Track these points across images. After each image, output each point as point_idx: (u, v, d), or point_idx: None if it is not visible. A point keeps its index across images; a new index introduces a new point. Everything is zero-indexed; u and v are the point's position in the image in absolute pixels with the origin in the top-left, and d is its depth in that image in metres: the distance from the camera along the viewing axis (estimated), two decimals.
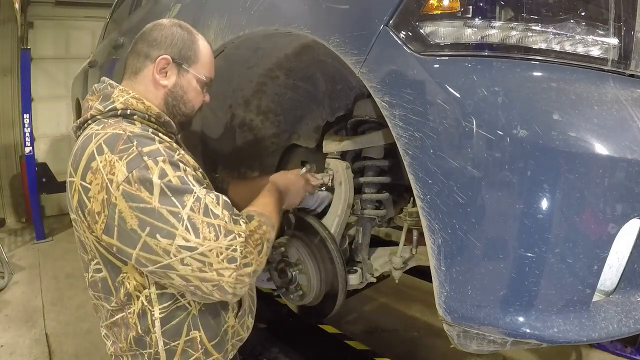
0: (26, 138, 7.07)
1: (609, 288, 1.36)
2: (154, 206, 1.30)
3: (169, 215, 1.30)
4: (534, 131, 1.19)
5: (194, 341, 1.56)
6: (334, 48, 1.50)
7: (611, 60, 1.31)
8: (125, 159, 1.32)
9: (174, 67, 1.62)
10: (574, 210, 1.20)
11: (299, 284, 2.15)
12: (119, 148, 1.35)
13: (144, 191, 1.30)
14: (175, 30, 1.63)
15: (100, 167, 1.33)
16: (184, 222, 1.30)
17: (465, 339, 1.40)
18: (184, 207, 1.31)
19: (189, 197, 1.33)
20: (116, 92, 1.56)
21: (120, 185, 1.30)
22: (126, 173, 1.30)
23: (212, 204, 1.36)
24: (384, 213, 2.21)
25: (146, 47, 1.61)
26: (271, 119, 2.64)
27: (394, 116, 1.35)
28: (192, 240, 1.30)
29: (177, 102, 1.66)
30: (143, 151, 1.35)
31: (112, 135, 1.39)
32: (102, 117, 1.51)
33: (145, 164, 1.32)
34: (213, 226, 1.33)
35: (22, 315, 4.77)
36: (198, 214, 1.32)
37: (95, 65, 5.21)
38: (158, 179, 1.31)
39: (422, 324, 4.40)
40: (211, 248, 1.31)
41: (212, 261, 1.31)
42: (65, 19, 8.71)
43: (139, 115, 1.53)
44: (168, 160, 1.36)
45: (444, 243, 1.32)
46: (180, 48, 1.62)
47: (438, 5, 1.32)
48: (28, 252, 6.79)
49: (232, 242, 1.34)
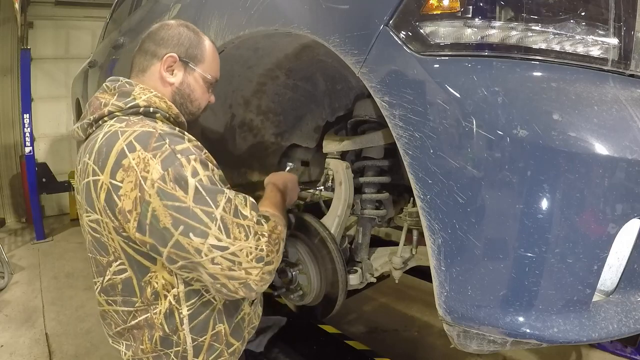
0: (26, 138, 7.08)
1: (609, 288, 1.36)
2: (188, 205, 1.31)
3: (203, 214, 1.32)
4: (534, 131, 1.18)
5: (219, 334, 1.59)
6: (334, 48, 1.50)
7: (611, 60, 1.31)
8: (159, 156, 1.33)
9: (180, 65, 1.64)
10: (574, 210, 1.20)
11: (299, 284, 2.15)
12: (152, 145, 1.35)
13: (178, 190, 1.31)
14: (182, 30, 1.65)
15: (134, 165, 1.33)
16: (217, 222, 1.33)
17: (465, 339, 1.40)
18: (217, 207, 1.34)
19: (222, 197, 1.36)
20: (137, 89, 1.56)
21: (156, 183, 1.31)
22: (161, 171, 1.31)
23: (241, 205, 1.40)
24: (384, 213, 2.21)
25: (153, 46, 1.63)
26: (271, 119, 2.65)
27: (394, 116, 1.35)
28: (224, 240, 1.33)
29: (185, 100, 1.67)
30: (176, 149, 1.36)
31: (143, 133, 1.39)
32: (122, 114, 1.51)
33: (179, 161, 1.34)
34: (243, 227, 1.37)
35: (22, 315, 4.77)
36: (229, 215, 1.35)
37: (95, 65, 5.22)
38: (192, 178, 1.33)
39: (422, 324, 4.40)
40: (242, 248, 1.35)
41: (241, 260, 1.35)
42: (65, 19, 8.73)
43: (161, 114, 1.55)
44: (199, 159, 1.39)
45: (444, 243, 1.32)
46: (187, 47, 1.64)
47: (438, 5, 1.32)
48: (28, 252, 6.80)
49: (259, 243, 1.38)
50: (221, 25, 2.04)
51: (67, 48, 8.87)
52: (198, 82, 1.68)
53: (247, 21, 1.88)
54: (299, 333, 3.23)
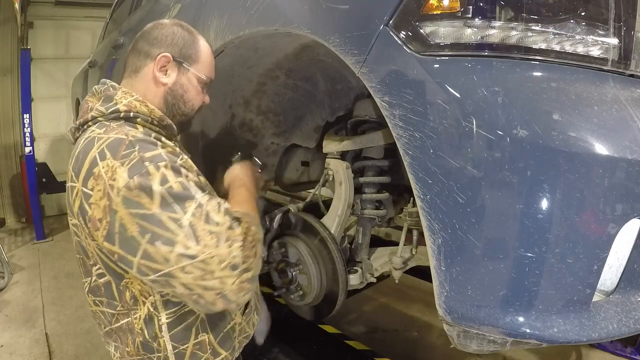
0: (26, 138, 7.08)
1: (609, 288, 1.36)
2: (153, 212, 1.27)
3: (170, 221, 1.27)
4: (534, 131, 1.19)
5: (203, 343, 1.56)
6: (334, 48, 1.50)
7: (611, 60, 1.31)
8: (127, 164, 1.30)
9: (174, 66, 1.60)
10: (574, 210, 1.20)
11: (299, 284, 2.15)
12: (121, 153, 1.32)
13: (144, 197, 1.27)
14: (176, 30, 1.61)
15: (102, 173, 1.31)
16: (186, 228, 1.28)
17: (465, 339, 1.40)
18: (186, 213, 1.29)
19: (191, 203, 1.31)
20: (119, 93, 1.53)
21: (121, 191, 1.27)
22: (127, 179, 1.27)
23: (213, 210, 1.34)
24: (384, 213, 2.21)
25: (147, 46, 1.59)
26: (271, 119, 2.65)
27: (394, 116, 1.35)
28: (193, 248, 1.27)
29: (177, 100, 1.63)
30: (145, 157, 1.32)
31: (114, 140, 1.36)
32: (104, 119, 1.49)
33: (146, 169, 1.29)
34: (214, 233, 1.30)
35: (22, 315, 4.77)
36: (200, 221, 1.30)
37: (95, 65, 5.21)
38: (159, 186, 1.28)
39: (422, 324, 4.40)
40: (212, 255, 1.28)
41: (214, 269, 1.28)
42: (65, 19, 8.71)
43: (142, 119, 1.51)
44: (170, 166, 1.34)
45: (444, 243, 1.32)
46: (181, 47, 1.60)
47: (438, 5, 1.32)
48: (28, 252, 6.80)
49: (232, 249, 1.31)
50: (221, 25, 2.04)
51: (67, 48, 8.86)
52: (192, 82, 1.64)
53: (247, 21, 1.88)
54: (299, 333, 3.23)
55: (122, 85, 1.59)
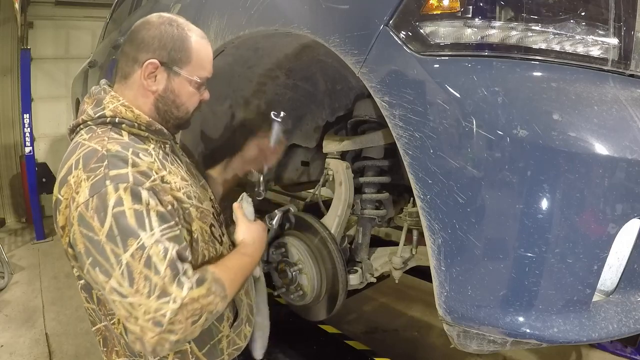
0: (26, 138, 7.08)
1: (609, 288, 1.36)
2: (100, 239, 1.25)
3: (111, 254, 1.24)
4: (534, 131, 1.19)
5: (185, 353, 1.54)
6: (334, 48, 1.50)
7: (611, 60, 1.31)
8: (91, 179, 1.29)
9: (163, 71, 1.50)
10: (574, 210, 1.21)
11: (299, 284, 2.14)
12: (90, 166, 1.32)
13: (95, 221, 1.25)
14: (164, 29, 1.50)
15: (72, 183, 1.33)
16: (122, 266, 1.23)
17: (465, 338, 1.40)
18: (125, 251, 1.24)
19: (133, 242, 1.25)
20: (107, 98, 1.49)
21: (79, 207, 1.28)
22: (87, 196, 1.27)
23: (157, 256, 1.25)
24: (384, 213, 2.21)
25: (134, 50, 1.50)
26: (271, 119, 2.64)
27: (394, 116, 1.35)
28: (125, 287, 1.23)
29: (169, 107, 1.55)
30: (108, 174, 1.29)
31: (90, 151, 1.36)
32: (92, 124, 1.47)
33: (105, 189, 1.27)
34: (150, 281, 1.23)
35: (22, 315, 4.77)
36: (138, 263, 1.24)
37: (95, 65, 5.21)
38: (112, 209, 1.26)
39: (422, 324, 4.40)
40: (140, 303, 1.23)
41: (138, 316, 1.23)
42: (65, 19, 8.72)
43: (127, 124, 1.47)
44: (130, 189, 1.29)
45: (444, 243, 1.32)
46: (169, 49, 1.49)
47: (438, 5, 1.33)
48: (28, 252, 6.80)
49: (162, 306, 1.23)
50: (221, 25, 2.04)
51: (67, 48, 8.86)
52: (184, 86, 1.54)
53: (247, 21, 1.88)
54: (298, 333, 3.23)
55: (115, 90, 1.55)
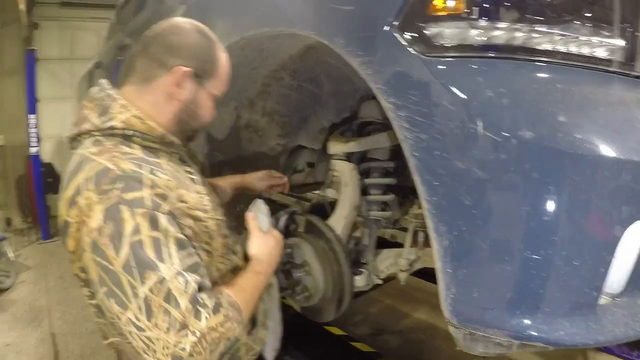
0: (32, 139, 7.10)
1: (616, 291, 1.35)
2: (115, 269, 1.19)
3: (127, 286, 1.18)
4: (540, 133, 1.18)
5: None
6: (339, 49, 1.49)
7: (617, 61, 1.31)
8: (104, 203, 1.21)
9: (190, 81, 1.45)
10: (580, 212, 1.20)
11: (305, 286, 2.14)
12: (102, 188, 1.23)
13: (110, 249, 1.19)
14: (196, 38, 1.48)
15: (82, 205, 1.24)
16: (139, 300, 1.17)
17: (471, 341, 1.40)
18: (143, 285, 1.17)
19: (152, 275, 1.18)
20: (116, 107, 1.40)
21: (92, 233, 1.21)
22: (100, 222, 1.20)
23: (177, 290, 1.19)
24: (389, 215, 2.20)
25: (162, 53, 1.43)
26: (276, 120, 2.64)
27: (400, 118, 1.35)
28: (142, 321, 1.18)
29: (189, 117, 1.51)
30: (124, 198, 1.22)
31: (102, 170, 1.27)
32: (100, 135, 1.38)
33: (120, 215, 1.20)
34: (169, 315, 1.17)
35: (28, 315, 4.79)
36: (157, 297, 1.17)
37: (100, 66, 5.23)
38: (129, 238, 1.19)
39: (428, 326, 4.40)
40: (159, 338, 1.17)
41: (156, 349, 1.18)
42: (71, 19, 8.74)
43: (139, 137, 1.40)
44: (148, 215, 1.23)
45: (450, 245, 1.31)
46: (200, 60, 1.47)
47: (443, 6, 1.32)
48: (34, 251, 6.84)
49: (182, 339, 1.17)
50: (226, 26, 2.04)
51: (72, 49, 8.88)
52: (206, 99, 1.52)
53: (252, 22, 1.88)
54: (304, 334, 3.23)
55: (126, 92, 1.46)
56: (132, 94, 1.45)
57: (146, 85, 1.45)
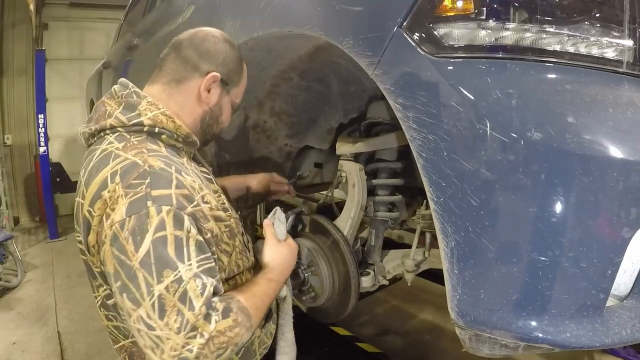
0: (40, 138, 7.14)
1: (623, 293, 1.35)
2: (132, 265, 1.17)
3: (142, 282, 1.16)
4: (548, 134, 1.18)
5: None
6: (348, 50, 1.49)
7: (626, 62, 1.30)
8: (130, 197, 1.21)
9: (219, 87, 1.53)
10: (588, 213, 1.20)
11: (311, 286, 2.14)
12: (129, 182, 1.23)
13: (130, 244, 1.17)
14: (227, 48, 1.55)
15: (107, 198, 1.24)
16: (153, 297, 1.15)
17: (477, 342, 1.39)
18: (159, 283, 1.16)
19: (170, 273, 1.17)
20: (144, 104, 1.42)
21: (114, 225, 1.20)
22: (124, 215, 1.19)
23: (194, 291, 1.18)
24: (396, 215, 2.20)
25: (196, 57, 1.49)
26: (284, 121, 2.65)
27: (408, 118, 1.35)
28: (154, 319, 1.16)
29: (213, 122, 1.57)
30: (151, 194, 1.22)
31: (130, 164, 1.27)
32: (125, 131, 1.39)
33: (146, 210, 1.19)
34: (182, 316, 1.16)
35: (34, 313, 4.81)
36: (172, 296, 1.16)
37: (109, 66, 5.24)
38: (152, 235, 1.18)
39: (434, 327, 4.39)
40: (169, 337, 1.15)
41: (164, 349, 1.15)
42: (80, 20, 8.81)
43: (167, 135, 1.42)
44: (174, 213, 1.22)
45: (457, 246, 1.31)
46: (230, 69, 1.55)
47: (452, 7, 1.32)
48: (41, 250, 6.86)
49: (190, 341, 1.16)
50: (235, 27, 2.05)
51: (81, 49, 8.94)
52: (228, 106, 1.60)
53: (261, 23, 1.88)
54: (310, 334, 3.23)
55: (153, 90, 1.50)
56: (159, 93, 1.49)
57: (176, 86, 1.49)
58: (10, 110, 8.28)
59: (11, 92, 8.26)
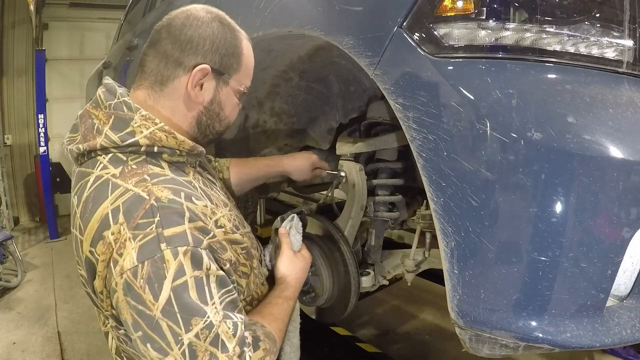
0: (41, 138, 7.15)
1: (623, 293, 1.35)
2: (153, 315, 1.05)
3: (168, 331, 1.05)
4: (548, 134, 1.18)
5: None
6: (348, 50, 1.49)
7: (626, 62, 1.30)
8: (139, 240, 1.07)
9: (212, 79, 1.30)
10: (588, 213, 1.20)
11: (311, 286, 2.14)
12: (136, 222, 1.09)
13: (147, 293, 1.05)
14: (216, 29, 1.29)
15: (111, 241, 1.09)
16: (183, 346, 1.05)
17: (477, 342, 1.39)
18: (188, 332, 1.05)
19: (198, 321, 1.07)
20: (137, 119, 1.22)
21: (125, 273, 1.06)
22: (135, 262, 1.06)
23: (225, 334, 1.10)
24: (396, 215, 2.20)
25: (177, 50, 1.26)
26: (285, 121, 2.64)
27: (408, 118, 1.34)
28: None
29: (212, 120, 1.36)
30: (163, 235, 1.08)
31: (133, 198, 1.12)
32: (119, 152, 1.22)
33: (161, 254, 1.06)
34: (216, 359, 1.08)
35: (34, 313, 4.81)
36: (203, 342, 1.07)
37: (109, 66, 5.24)
38: (171, 282, 1.06)
39: (434, 327, 4.39)
40: None
41: None
42: (80, 20, 8.83)
43: (168, 154, 1.25)
44: (191, 252, 1.09)
45: (457, 246, 1.31)
46: (222, 54, 1.30)
47: (452, 7, 1.32)
48: (41, 250, 6.87)
49: None
50: None
51: (81, 49, 8.95)
52: (230, 96, 1.36)
53: (261, 23, 1.88)
54: (310, 334, 3.23)
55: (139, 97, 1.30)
56: (145, 100, 1.30)
57: (161, 89, 1.29)
58: (11, 110, 8.29)
59: (11, 92, 8.27)
